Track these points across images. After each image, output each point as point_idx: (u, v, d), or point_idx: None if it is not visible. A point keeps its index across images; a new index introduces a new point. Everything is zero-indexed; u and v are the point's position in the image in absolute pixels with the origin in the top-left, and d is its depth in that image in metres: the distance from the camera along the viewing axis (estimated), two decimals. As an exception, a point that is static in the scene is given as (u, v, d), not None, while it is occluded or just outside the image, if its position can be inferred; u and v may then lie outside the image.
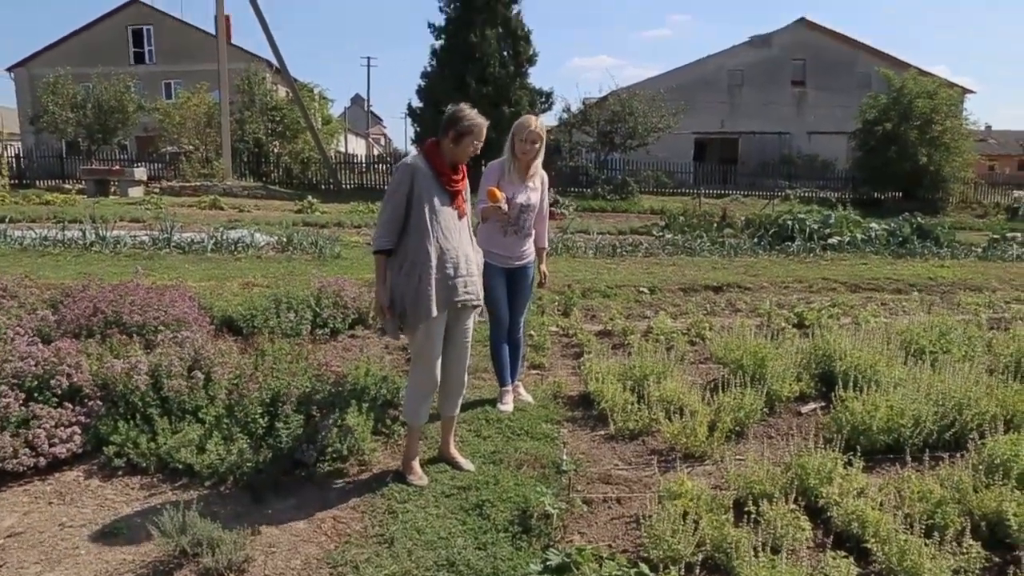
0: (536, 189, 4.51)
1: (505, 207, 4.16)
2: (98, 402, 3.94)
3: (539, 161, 4.48)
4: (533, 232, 4.61)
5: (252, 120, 28.46)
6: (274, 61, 27.21)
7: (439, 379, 3.66)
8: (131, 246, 10.53)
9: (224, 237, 11.11)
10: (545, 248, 4.81)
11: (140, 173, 24.31)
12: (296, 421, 3.80)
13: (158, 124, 29.15)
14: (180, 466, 3.68)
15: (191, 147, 27.42)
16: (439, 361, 3.63)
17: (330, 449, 3.81)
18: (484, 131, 3.57)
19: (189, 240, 10.98)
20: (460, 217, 3.63)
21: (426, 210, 3.46)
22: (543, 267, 4.82)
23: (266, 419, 3.86)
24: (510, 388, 4.71)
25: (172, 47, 37.88)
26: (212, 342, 4.75)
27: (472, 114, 3.54)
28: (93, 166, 25.60)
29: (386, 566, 2.90)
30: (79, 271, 8.04)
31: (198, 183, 23.55)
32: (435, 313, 3.49)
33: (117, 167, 25.62)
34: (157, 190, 22.69)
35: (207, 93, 28.23)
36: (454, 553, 2.96)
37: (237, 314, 5.93)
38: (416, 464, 3.72)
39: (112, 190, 22.55)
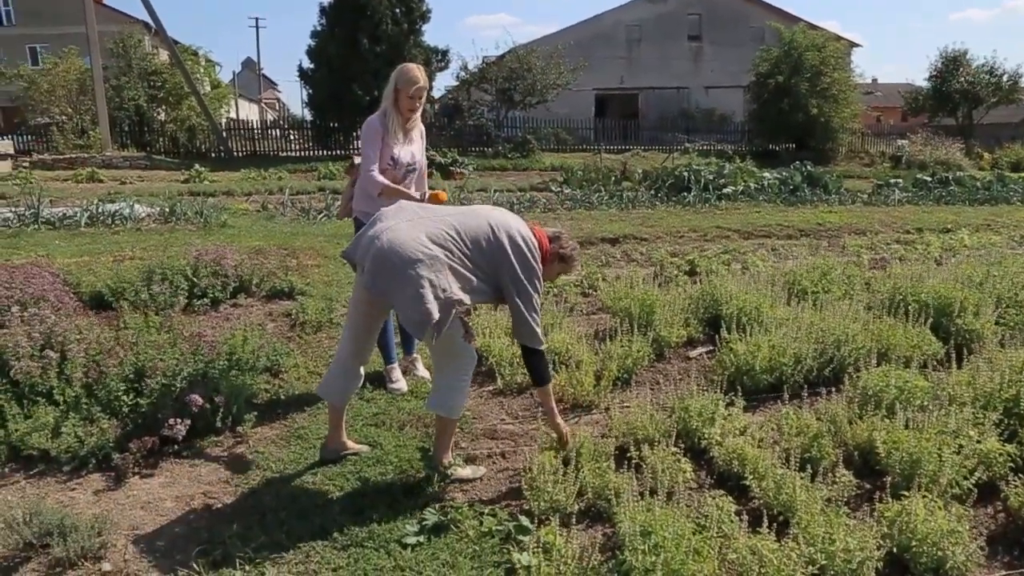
0: (416, 142, 4.13)
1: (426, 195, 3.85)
2: (-67, 390, 3.58)
3: (419, 112, 4.12)
4: (418, 194, 4.07)
5: (130, 86, 26.57)
6: (150, 22, 25.49)
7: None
8: (-8, 224, 9.70)
9: (100, 210, 10.37)
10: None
11: (5, 146, 22.54)
12: (163, 396, 3.55)
13: (23, 92, 26.91)
14: (35, 452, 3.40)
15: (63, 117, 25.42)
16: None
17: (202, 423, 3.60)
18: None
19: (60, 215, 10.18)
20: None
21: None
22: None
23: (131, 396, 3.60)
24: (396, 364, 4.36)
25: (34, 7, 34.90)
26: (72, 319, 4.39)
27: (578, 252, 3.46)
28: (-51, 140, 23.52)
29: (255, 539, 2.74)
30: (-72, 252, 7.33)
31: (73, 155, 21.90)
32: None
33: (-22, 141, 23.67)
34: (27, 164, 20.98)
35: (78, 58, 26.19)
36: (329, 520, 2.83)
37: (106, 289, 5.53)
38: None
39: (-27, 166, 20.82)
